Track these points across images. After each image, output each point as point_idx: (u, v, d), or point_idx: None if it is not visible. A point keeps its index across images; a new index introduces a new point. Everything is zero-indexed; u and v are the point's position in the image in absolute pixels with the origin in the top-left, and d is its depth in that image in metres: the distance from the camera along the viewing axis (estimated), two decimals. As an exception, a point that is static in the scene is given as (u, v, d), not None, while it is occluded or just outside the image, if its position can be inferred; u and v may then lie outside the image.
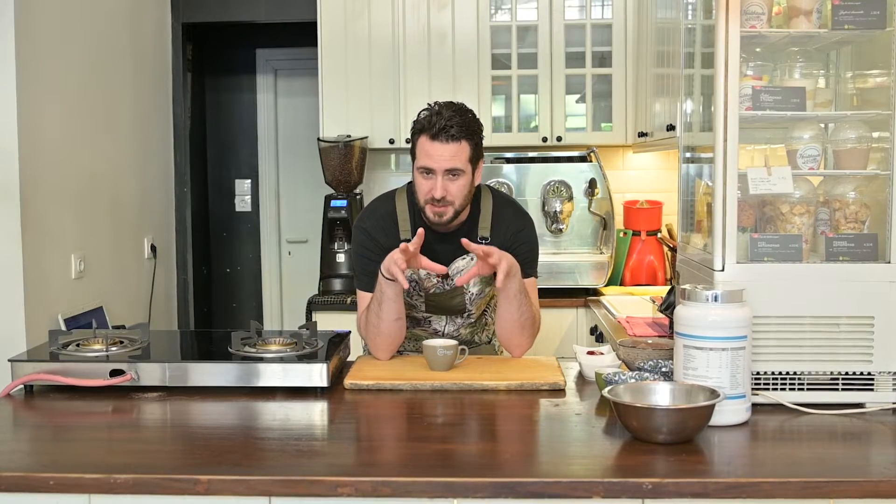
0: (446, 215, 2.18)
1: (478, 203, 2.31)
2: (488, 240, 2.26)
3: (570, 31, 3.85)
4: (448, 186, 2.14)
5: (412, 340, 2.41)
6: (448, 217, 2.18)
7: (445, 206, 2.16)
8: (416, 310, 2.34)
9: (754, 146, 2.03)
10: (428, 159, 2.14)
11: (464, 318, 2.37)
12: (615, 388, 1.72)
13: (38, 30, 3.03)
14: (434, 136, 2.12)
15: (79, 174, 3.33)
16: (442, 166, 2.12)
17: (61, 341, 2.18)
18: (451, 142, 2.12)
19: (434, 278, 2.26)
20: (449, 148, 2.12)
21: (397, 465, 1.57)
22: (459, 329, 2.39)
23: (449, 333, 2.38)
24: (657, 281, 3.80)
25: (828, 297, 1.85)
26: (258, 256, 5.44)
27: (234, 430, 1.79)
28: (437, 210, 2.16)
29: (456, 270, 2.27)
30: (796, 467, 1.53)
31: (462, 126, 2.14)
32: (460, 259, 2.27)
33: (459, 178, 2.15)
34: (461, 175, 2.15)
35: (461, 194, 2.17)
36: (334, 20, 3.90)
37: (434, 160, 2.13)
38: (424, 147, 2.14)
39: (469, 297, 2.33)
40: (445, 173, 2.13)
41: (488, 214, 2.29)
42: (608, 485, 1.45)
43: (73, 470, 1.51)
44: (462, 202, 2.18)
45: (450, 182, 2.14)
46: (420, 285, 2.27)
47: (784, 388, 1.86)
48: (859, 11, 1.86)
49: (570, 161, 3.80)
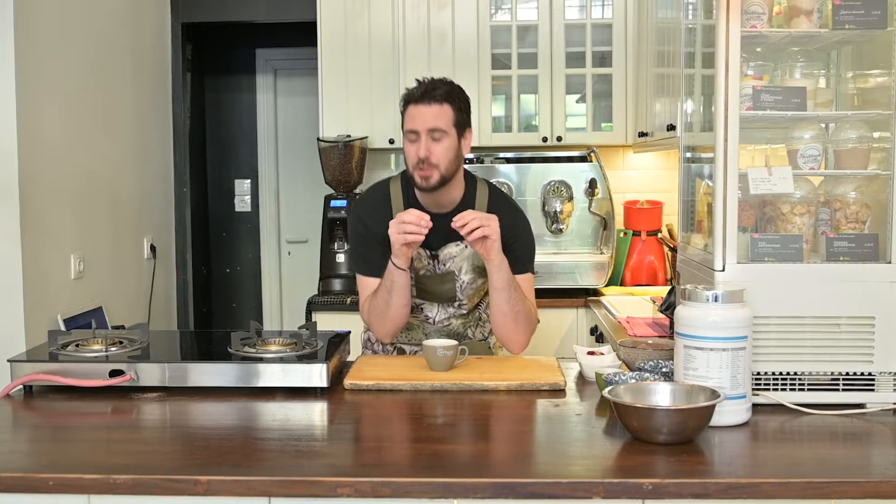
0: (433, 178, 2.21)
1: (473, 191, 2.34)
2: None
3: (570, 30, 3.85)
4: (432, 147, 2.19)
5: (405, 330, 2.41)
6: (435, 180, 2.21)
7: (431, 169, 2.20)
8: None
9: (755, 146, 2.02)
10: (412, 122, 2.21)
11: (455, 307, 2.37)
12: (615, 389, 1.72)
13: (38, 29, 3.03)
14: (418, 100, 2.21)
15: (78, 174, 3.33)
16: (425, 126, 2.19)
17: (61, 341, 2.17)
18: (434, 103, 2.20)
19: (425, 259, 2.29)
20: (432, 109, 2.20)
21: (397, 465, 1.57)
22: (451, 319, 2.39)
23: (440, 322, 2.38)
24: (657, 281, 3.80)
25: (828, 297, 1.84)
26: (258, 256, 5.43)
27: (233, 430, 1.78)
28: (423, 174, 2.20)
29: (447, 256, 2.31)
30: (797, 468, 1.53)
31: (446, 91, 2.22)
32: (453, 244, 2.30)
33: (443, 140, 2.20)
34: (444, 137, 2.20)
35: (446, 157, 2.21)
36: (334, 20, 3.90)
37: (417, 121, 2.20)
38: (411, 113, 2.22)
39: (460, 286, 2.34)
40: (429, 134, 2.19)
41: (484, 203, 2.33)
42: (608, 485, 1.44)
43: (72, 470, 1.51)
44: (447, 166, 2.22)
45: (434, 143, 2.20)
46: (410, 266, 2.27)
47: (784, 389, 1.86)
48: (860, 11, 1.86)
49: (571, 161, 3.79)
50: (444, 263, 2.32)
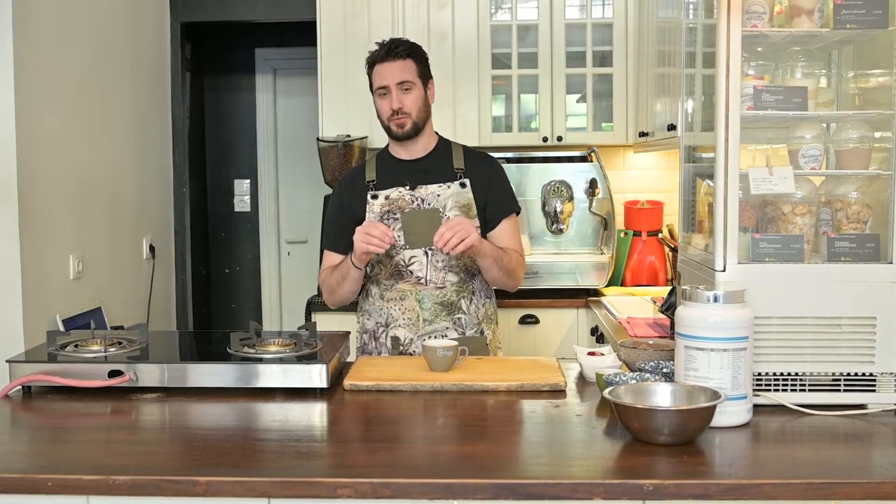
0: (407, 125, 2.44)
1: (448, 143, 2.57)
2: (464, 171, 2.48)
3: (570, 30, 3.84)
4: (402, 98, 2.43)
5: (398, 300, 2.45)
6: (409, 127, 2.44)
7: (404, 118, 2.43)
8: (395, 248, 2.42)
9: (756, 146, 2.02)
10: (381, 79, 2.45)
11: (445, 254, 2.37)
12: (616, 389, 1.71)
13: (37, 29, 3.02)
14: (383, 58, 2.44)
15: (77, 174, 3.32)
16: (394, 80, 2.42)
17: (59, 342, 2.17)
18: (398, 59, 2.44)
19: (406, 196, 2.45)
20: (397, 64, 2.43)
21: (397, 466, 1.56)
22: (445, 282, 2.43)
23: (433, 283, 2.42)
24: (658, 281, 3.80)
25: (829, 297, 1.84)
26: (257, 257, 5.43)
27: (233, 431, 1.78)
28: (398, 122, 2.44)
29: (431, 194, 2.46)
30: (798, 469, 1.52)
31: (407, 47, 2.47)
32: (434, 185, 2.46)
33: (412, 91, 2.44)
34: (413, 87, 2.44)
35: (416, 106, 2.44)
36: (334, 19, 3.89)
37: (387, 78, 2.43)
38: (378, 71, 2.45)
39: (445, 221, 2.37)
40: (398, 87, 2.43)
41: (460, 154, 2.54)
42: (609, 486, 1.44)
43: (71, 471, 1.50)
44: (418, 114, 2.45)
45: (404, 95, 2.43)
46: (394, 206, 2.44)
47: (786, 389, 1.85)
48: (861, 11, 1.85)
49: (571, 161, 3.79)
50: (428, 203, 2.45)
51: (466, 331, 2.46)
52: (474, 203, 2.46)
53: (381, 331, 2.48)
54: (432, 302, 2.43)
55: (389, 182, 2.49)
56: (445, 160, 2.51)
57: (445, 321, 2.44)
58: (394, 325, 2.46)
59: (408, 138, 2.46)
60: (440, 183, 2.47)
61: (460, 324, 2.45)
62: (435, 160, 2.51)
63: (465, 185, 2.47)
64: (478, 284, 2.50)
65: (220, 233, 5.40)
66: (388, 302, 2.47)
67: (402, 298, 2.45)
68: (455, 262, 2.43)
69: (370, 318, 2.52)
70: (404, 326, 2.45)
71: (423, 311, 2.43)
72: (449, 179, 2.47)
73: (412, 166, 2.50)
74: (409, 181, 2.47)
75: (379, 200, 2.47)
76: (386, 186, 2.49)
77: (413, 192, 2.46)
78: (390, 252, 2.43)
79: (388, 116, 2.44)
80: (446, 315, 2.44)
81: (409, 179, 2.47)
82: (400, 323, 2.45)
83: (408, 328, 2.44)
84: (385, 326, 2.47)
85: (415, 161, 2.51)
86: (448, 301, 2.44)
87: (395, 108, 2.42)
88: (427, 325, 2.43)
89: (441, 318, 2.43)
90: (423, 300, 2.43)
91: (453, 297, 2.45)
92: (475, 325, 2.48)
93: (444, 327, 2.44)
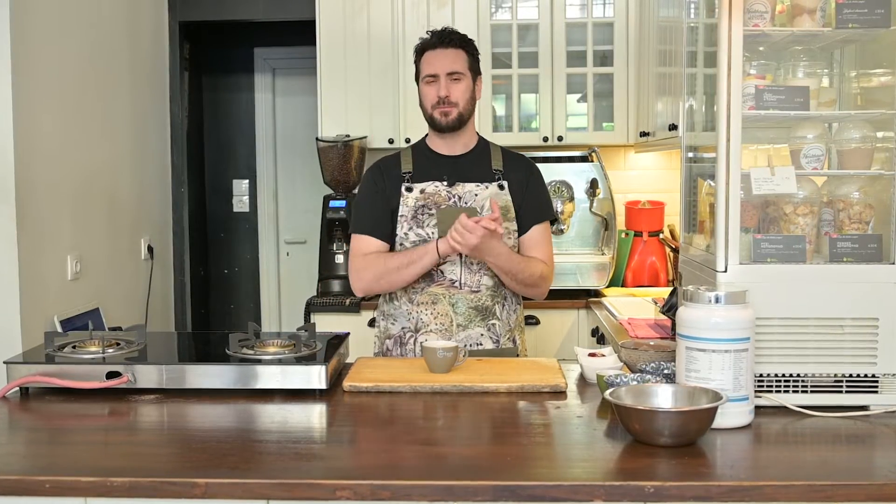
0: (452, 115, 2.37)
1: (487, 144, 2.51)
2: (502, 172, 2.42)
3: (571, 29, 3.83)
4: (451, 87, 2.37)
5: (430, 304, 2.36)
6: (453, 117, 2.38)
7: (451, 107, 2.37)
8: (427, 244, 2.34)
9: (757, 146, 2.01)
10: (431, 66, 2.38)
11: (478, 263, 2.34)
12: (617, 391, 1.71)
13: (34, 28, 3.01)
14: (435, 46, 2.39)
15: (75, 174, 3.31)
16: (445, 69, 2.37)
17: (57, 343, 2.16)
18: (451, 48, 2.38)
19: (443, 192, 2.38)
20: (449, 53, 2.38)
21: (396, 468, 1.55)
22: (480, 286, 2.35)
23: (467, 287, 2.35)
24: (659, 282, 3.79)
25: (832, 298, 1.83)
26: (256, 257, 5.42)
27: (231, 432, 1.77)
28: (443, 110, 2.37)
29: (468, 193, 2.39)
30: (800, 470, 1.52)
31: (460, 37, 2.42)
32: (473, 184, 2.39)
33: (461, 82, 2.38)
34: (462, 78, 2.38)
35: (463, 97, 2.38)
36: (333, 18, 3.88)
37: (436, 66, 2.38)
38: (428, 59, 2.39)
39: None
40: (448, 76, 2.37)
41: (499, 154, 2.47)
42: (610, 488, 1.43)
43: (69, 473, 1.50)
44: (465, 106, 2.39)
45: (452, 84, 2.37)
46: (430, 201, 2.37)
47: (787, 391, 1.84)
48: (863, 10, 1.85)
49: (572, 161, 3.78)
50: (465, 201, 2.38)
51: (501, 339, 2.39)
52: (512, 205, 2.40)
53: (410, 336, 2.39)
54: (466, 306, 2.35)
55: (426, 175, 2.41)
56: (484, 160, 2.44)
57: (480, 327, 2.36)
58: (424, 331, 2.37)
59: (451, 130, 2.39)
60: (478, 182, 2.40)
61: (494, 331, 2.38)
62: (474, 159, 2.44)
63: (503, 187, 2.40)
64: (510, 290, 2.43)
65: (219, 233, 5.39)
66: (417, 306, 2.37)
67: (435, 302, 2.36)
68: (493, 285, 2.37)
69: (395, 322, 2.42)
70: (436, 332, 2.35)
71: (456, 317, 2.35)
72: (487, 180, 2.41)
73: (451, 162, 2.42)
74: (447, 176, 2.40)
75: (414, 193, 2.39)
76: (422, 179, 2.40)
77: (450, 188, 2.38)
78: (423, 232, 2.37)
79: (434, 104, 2.37)
80: (481, 321, 2.36)
81: (447, 175, 2.40)
82: (431, 328, 2.36)
83: (440, 334, 2.35)
84: (414, 332, 2.38)
85: (454, 157, 2.44)
86: (483, 306, 2.36)
87: (442, 96, 2.35)
88: (461, 331, 2.35)
89: (475, 323, 2.36)
90: (458, 304, 2.35)
91: (488, 302, 2.37)
92: (508, 332, 2.42)
93: (478, 334, 2.36)
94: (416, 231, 2.37)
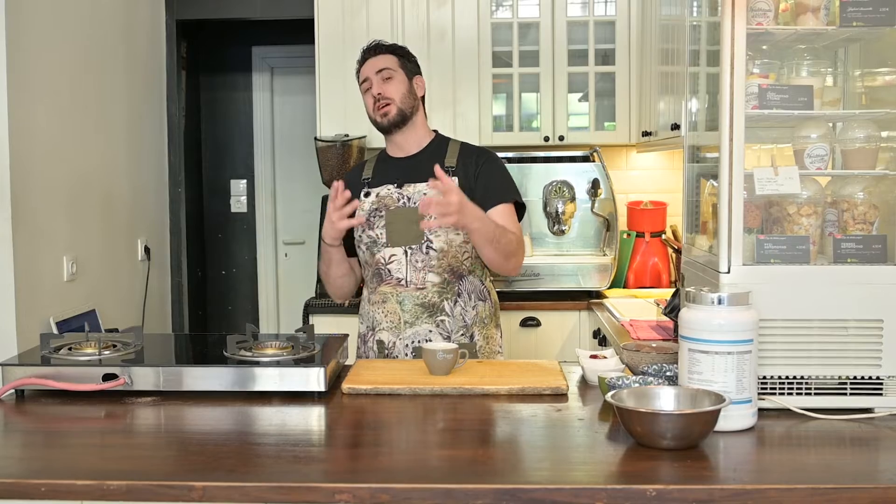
0: (390, 112, 2.44)
1: (445, 140, 2.55)
2: (454, 167, 2.44)
3: (572, 28, 3.82)
4: (383, 86, 2.44)
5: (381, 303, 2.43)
6: (393, 114, 2.44)
7: (387, 105, 2.43)
8: (377, 244, 2.41)
9: (761, 146, 2.00)
10: (363, 73, 2.49)
11: (424, 254, 2.37)
12: (618, 393, 1.70)
13: (29, 27, 3.00)
14: (365, 55, 2.51)
15: (71, 174, 3.30)
16: (373, 70, 2.46)
17: (53, 345, 2.15)
18: (379, 54, 2.49)
19: (394, 193, 2.43)
20: (377, 59, 2.48)
21: (396, 471, 1.54)
22: (426, 282, 2.39)
23: (413, 284, 2.39)
24: (661, 283, 3.78)
25: (836, 299, 1.82)
26: (254, 258, 5.41)
27: (229, 435, 1.76)
28: (381, 110, 2.44)
29: (417, 193, 2.42)
30: (803, 474, 1.51)
31: (390, 45, 2.52)
32: (422, 184, 2.41)
33: (393, 79, 2.45)
34: (394, 75, 2.45)
35: (398, 92, 2.45)
36: (332, 17, 3.87)
37: (368, 71, 2.48)
38: (362, 71, 2.50)
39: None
40: (377, 75, 2.45)
41: (455, 151, 2.50)
42: (611, 491, 1.42)
43: (65, 476, 1.49)
44: (402, 100, 2.45)
45: (384, 83, 2.44)
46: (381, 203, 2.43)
47: (791, 393, 1.83)
48: (868, 8, 1.84)
49: (573, 161, 3.77)
50: (414, 202, 2.41)
51: (452, 335, 2.41)
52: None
53: (369, 335, 2.47)
54: (412, 303, 2.40)
55: (382, 180, 2.48)
56: (437, 157, 2.46)
57: (427, 323, 2.40)
58: (379, 329, 2.44)
59: (394, 126, 2.45)
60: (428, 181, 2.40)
61: (444, 327, 2.40)
62: (426, 157, 2.46)
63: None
64: (467, 286, 2.44)
65: (217, 234, 5.38)
66: (373, 305, 2.46)
67: (385, 301, 2.43)
68: (437, 261, 2.39)
69: (362, 321, 2.53)
70: (387, 329, 2.42)
71: (403, 314, 2.40)
72: None
73: (403, 164, 2.49)
74: (398, 179, 2.45)
75: (370, 198, 2.46)
76: (378, 184, 2.48)
77: (400, 189, 2.44)
78: (373, 249, 2.43)
79: (372, 107, 2.45)
80: (427, 317, 2.40)
81: (398, 177, 2.46)
82: (384, 326, 2.43)
83: (390, 331, 2.42)
84: (372, 330, 2.46)
85: (406, 158, 2.50)
86: (429, 302, 2.40)
87: (375, 94, 2.43)
88: (408, 328, 2.40)
89: (422, 320, 2.40)
90: (404, 302, 2.40)
91: (435, 299, 2.41)
92: (462, 329, 2.43)
93: (426, 330, 2.40)
94: (368, 233, 2.45)
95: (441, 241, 2.39)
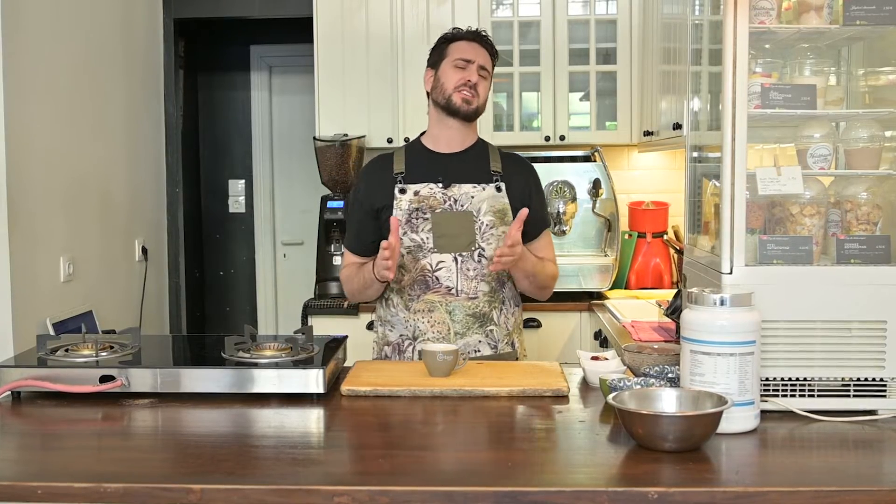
0: (473, 103, 2.36)
1: (485, 144, 2.49)
2: (501, 174, 2.40)
3: (573, 27, 3.82)
4: (478, 80, 2.37)
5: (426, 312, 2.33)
6: (473, 106, 2.36)
7: (474, 95, 2.36)
8: (423, 249, 2.31)
9: (763, 145, 2.00)
10: (463, 52, 2.38)
11: (476, 262, 2.31)
12: (620, 395, 1.69)
13: (26, 26, 2.99)
14: (471, 39, 2.40)
15: (68, 175, 3.29)
16: (478, 61, 2.37)
17: (50, 346, 2.14)
18: (484, 47, 2.41)
19: (438, 195, 2.34)
20: (482, 50, 2.40)
21: (395, 473, 1.53)
22: (477, 291, 2.32)
23: (464, 294, 2.31)
24: (663, 284, 3.77)
25: (839, 300, 1.81)
26: (252, 259, 5.40)
27: (227, 437, 1.75)
28: (466, 96, 2.35)
29: (464, 195, 2.35)
30: (806, 476, 1.50)
31: (491, 42, 2.45)
32: (469, 185, 2.36)
33: (486, 80, 2.40)
34: (487, 77, 2.41)
35: (484, 94, 2.40)
36: (331, 16, 3.86)
37: (470, 53, 2.38)
38: (461, 46, 2.39)
39: (479, 227, 2.32)
40: (479, 68, 2.37)
41: (497, 155, 2.45)
42: (613, 494, 1.41)
43: (61, 479, 1.48)
44: (482, 102, 2.40)
45: (480, 78, 2.38)
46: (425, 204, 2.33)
47: (794, 395, 1.82)
48: (871, 7, 1.83)
49: (574, 161, 3.76)
50: (461, 204, 2.34)
51: (499, 344, 2.37)
52: (510, 209, 2.36)
53: (408, 344, 2.36)
54: (464, 314, 2.32)
55: (420, 176, 2.36)
56: (482, 160, 2.41)
57: (478, 334, 2.33)
58: (422, 339, 2.34)
59: (466, 118, 2.36)
60: (475, 183, 2.36)
61: (493, 336, 2.35)
62: (471, 158, 2.40)
63: (500, 189, 2.36)
64: (508, 292, 2.40)
65: (215, 234, 5.37)
66: (414, 314, 2.34)
67: (431, 310, 2.32)
68: (487, 270, 2.34)
69: (393, 329, 2.39)
70: (434, 340, 2.32)
71: (454, 324, 2.32)
72: (484, 181, 2.36)
73: (447, 160, 2.39)
74: (442, 177, 2.36)
75: (407, 196, 2.33)
76: (416, 180, 2.35)
77: (445, 190, 2.34)
78: (417, 255, 2.32)
79: (458, 86, 2.34)
80: (479, 327, 2.33)
81: (442, 175, 2.35)
82: (429, 336, 2.33)
83: (437, 342, 2.31)
84: (412, 340, 2.36)
85: (451, 155, 2.40)
86: (481, 312, 2.33)
87: (473, 82, 2.34)
88: (459, 339, 2.32)
89: (473, 330, 2.33)
90: (455, 312, 2.32)
91: (486, 308, 2.34)
92: (506, 337, 2.39)
93: (476, 341, 2.33)
94: (410, 236, 2.32)
95: (492, 248, 2.31)
